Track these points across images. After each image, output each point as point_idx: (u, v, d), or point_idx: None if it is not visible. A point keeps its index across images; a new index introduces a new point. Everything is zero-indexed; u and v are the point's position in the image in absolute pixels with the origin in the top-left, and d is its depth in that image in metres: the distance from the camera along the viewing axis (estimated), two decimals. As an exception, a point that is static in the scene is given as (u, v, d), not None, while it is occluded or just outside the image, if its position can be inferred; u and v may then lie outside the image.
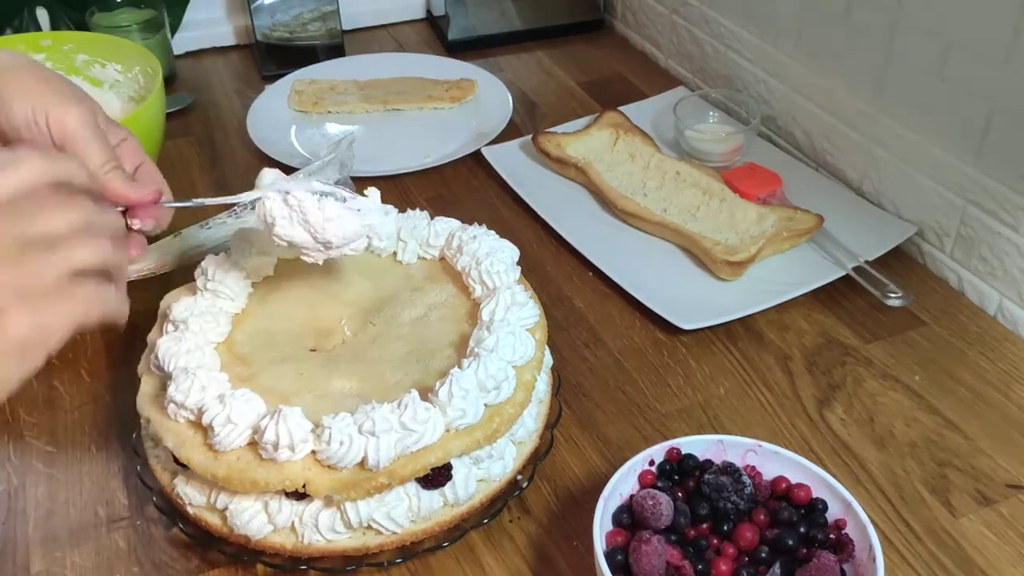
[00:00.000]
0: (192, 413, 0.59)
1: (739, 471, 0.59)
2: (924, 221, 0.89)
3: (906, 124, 0.88)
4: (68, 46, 1.02)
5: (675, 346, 0.81)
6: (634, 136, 1.02)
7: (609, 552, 0.55)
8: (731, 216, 0.90)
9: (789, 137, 1.05)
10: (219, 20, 1.33)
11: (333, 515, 0.60)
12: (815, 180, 0.99)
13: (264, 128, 1.10)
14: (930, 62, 0.83)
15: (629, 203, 0.93)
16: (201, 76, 1.26)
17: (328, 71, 1.22)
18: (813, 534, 0.56)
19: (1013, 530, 0.65)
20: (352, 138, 0.92)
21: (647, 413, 0.74)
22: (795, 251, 0.88)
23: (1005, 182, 0.79)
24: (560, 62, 1.28)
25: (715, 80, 1.15)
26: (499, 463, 0.64)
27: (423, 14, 1.42)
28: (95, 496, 0.68)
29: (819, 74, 0.98)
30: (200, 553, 0.64)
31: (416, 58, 1.27)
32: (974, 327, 0.82)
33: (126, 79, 1.02)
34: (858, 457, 0.70)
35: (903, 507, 0.66)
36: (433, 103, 1.16)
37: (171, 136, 1.10)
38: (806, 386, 0.76)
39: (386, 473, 0.57)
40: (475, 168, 1.05)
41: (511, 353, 0.63)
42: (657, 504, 0.57)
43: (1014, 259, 0.80)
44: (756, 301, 0.83)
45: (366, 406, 0.58)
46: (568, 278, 0.89)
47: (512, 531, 0.65)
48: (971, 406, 0.74)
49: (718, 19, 1.12)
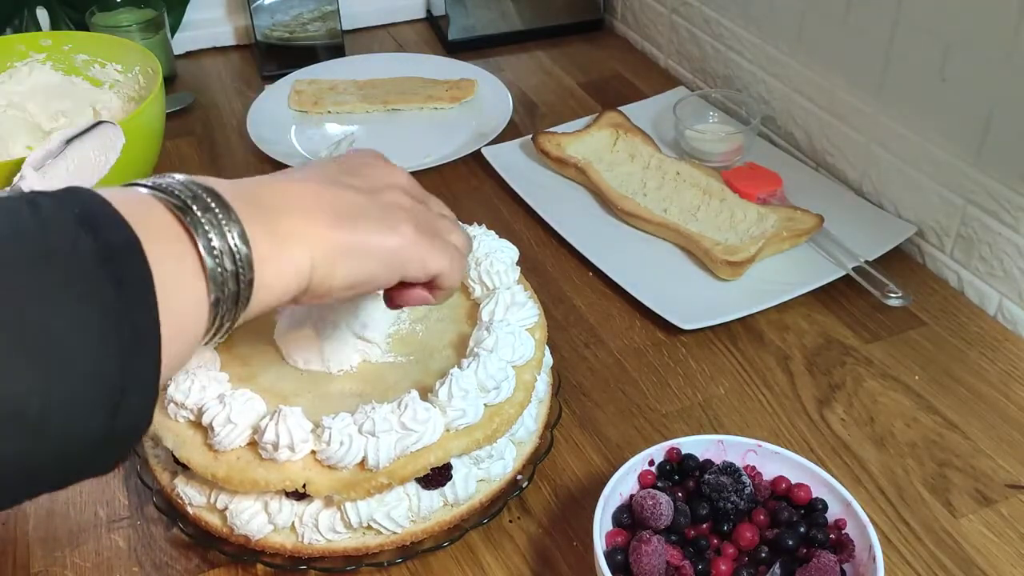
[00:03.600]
0: (192, 413, 0.59)
1: (739, 471, 0.59)
2: (924, 221, 0.89)
3: (906, 124, 0.88)
4: (68, 46, 1.02)
5: (675, 346, 0.81)
6: (634, 136, 1.02)
7: (609, 552, 0.55)
8: (731, 216, 0.90)
9: (789, 137, 1.05)
10: (219, 20, 1.33)
11: (333, 515, 0.60)
12: (815, 180, 0.99)
13: (264, 128, 1.10)
14: (930, 62, 0.83)
15: (629, 203, 0.93)
16: (201, 76, 1.26)
17: (328, 71, 1.22)
18: (813, 534, 0.56)
19: (1013, 530, 0.65)
20: (353, 138, 0.92)
21: (647, 413, 0.74)
22: (795, 251, 0.88)
23: (1005, 182, 0.79)
24: (560, 62, 1.28)
25: (715, 80, 1.15)
26: (499, 463, 0.64)
27: (423, 14, 1.42)
28: (95, 496, 0.68)
29: (819, 74, 0.98)
30: (200, 553, 0.64)
31: (416, 58, 1.27)
32: (974, 327, 0.82)
33: (126, 79, 1.02)
34: (858, 457, 0.70)
35: (903, 507, 0.66)
36: (433, 103, 1.16)
37: (171, 136, 1.10)
38: (806, 386, 0.76)
39: (386, 473, 0.57)
40: (475, 168, 1.05)
41: (511, 353, 0.63)
42: (657, 504, 0.57)
43: (1014, 259, 0.80)
44: (756, 301, 0.83)
45: (366, 406, 0.58)
46: (568, 278, 0.89)
47: (512, 531, 0.65)
48: (971, 406, 0.74)
49: (718, 19, 1.12)
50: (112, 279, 0.34)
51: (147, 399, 0.36)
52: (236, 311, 0.41)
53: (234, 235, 0.40)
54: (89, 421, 0.33)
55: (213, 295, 0.40)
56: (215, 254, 0.39)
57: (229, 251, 0.40)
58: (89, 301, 0.33)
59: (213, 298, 0.40)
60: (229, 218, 0.41)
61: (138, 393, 0.35)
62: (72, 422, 0.33)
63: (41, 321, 0.32)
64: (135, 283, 0.35)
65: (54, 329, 0.32)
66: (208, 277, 0.39)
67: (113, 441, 0.35)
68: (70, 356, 0.32)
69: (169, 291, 0.37)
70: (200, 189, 0.41)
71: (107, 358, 0.34)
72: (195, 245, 0.39)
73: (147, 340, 0.35)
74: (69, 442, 0.33)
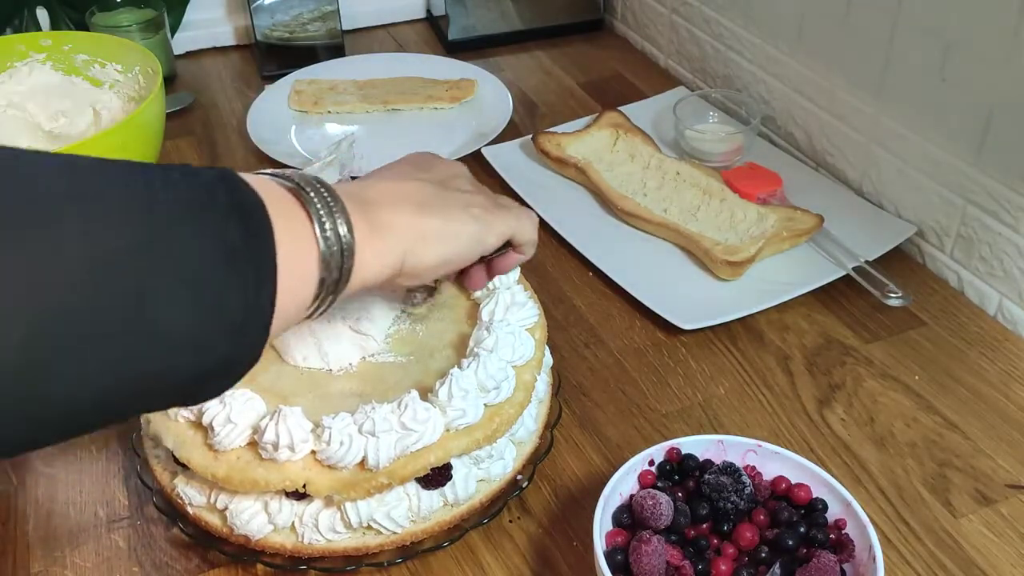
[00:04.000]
0: (192, 413, 0.59)
1: (739, 471, 0.59)
2: (924, 221, 0.89)
3: (906, 124, 0.88)
4: (68, 46, 1.02)
5: (675, 346, 0.81)
6: (634, 136, 1.02)
7: (609, 552, 0.55)
8: (731, 216, 0.90)
9: (789, 137, 1.05)
10: (219, 20, 1.33)
11: (333, 515, 0.60)
12: (815, 180, 0.99)
13: (264, 128, 1.10)
14: (930, 62, 0.83)
15: (629, 203, 0.93)
16: (201, 76, 1.26)
17: (328, 71, 1.22)
18: (813, 534, 0.56)
19: (1013, 530, 0.65)
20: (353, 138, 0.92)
21: (647, 413, 0.74)
22: (795, 251, 0.88)
23: (1005, 182, 0.79)
24: (560, 62, 1.28)
25: (715, 80, 1.15)
26: (499, 463, 0.64)
27: (423, 14, 1.42)
28: (95, 496, 0.68)
29: (819, 74, 0.98)
30: (200, 553, 0.64)
31: (416, 58, 1.27)
32: (974, 327, 0.82)
33: (126, 79, 1.02)
34: (858, 457, 0.70)
35: (903, 507, 0.66)
36: (433, 103, 1.16)
37: (171, 136, 1.10)
38: (806, 386, 0.76)
39: (386, 473, 0.57)
40: (475, 168, 1.04)
41: (511, 353, 0.63)
42: (657, 504, 0.57)
43: (1014, 259, 0.80)
44: (756, 301, 0.83)
45: (366, 406, 0.58)
46: (568, 278, 0.89)
47: (512, 531, 0.65)
48: (971, 406, 0.74)
49: (718, 19, 1.12)
50: (241, 227, 0.40)
51: (260, 335, 0.41)
52: (337, 289, 0.46)
53: (342, 222, 0.46)
54: (217, 343, 0.39)
55: (320, 274, 0.45)
56: (327, 236, 0.45)
57: (336, 236, 0.45)
58: (220, 241, 0.39)
59: (319, 276, 0.45)
60: (339, 207, 0.46)
61: (253, 328, 0.41)
62: (206, 344, 0.39)
63: (186, 256, 0.38)
64: (259, 235, 0.41)
65: (199, 264, 0.38)
66: (320, 257, 0.45)
67: (230, 365, 0.41)
68: (204, 286, 0.38)
69: (286, 255, 0.42)
70: (313, 179, 0.47)
71: (232, 290, 0.39)
72: (312, 226, 0.45)
73: (265, 285, 0.41)
74: (202, 360, 0.39)
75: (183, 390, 0.41)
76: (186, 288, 0.38)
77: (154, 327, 0.37)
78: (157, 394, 0.40)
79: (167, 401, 0.42)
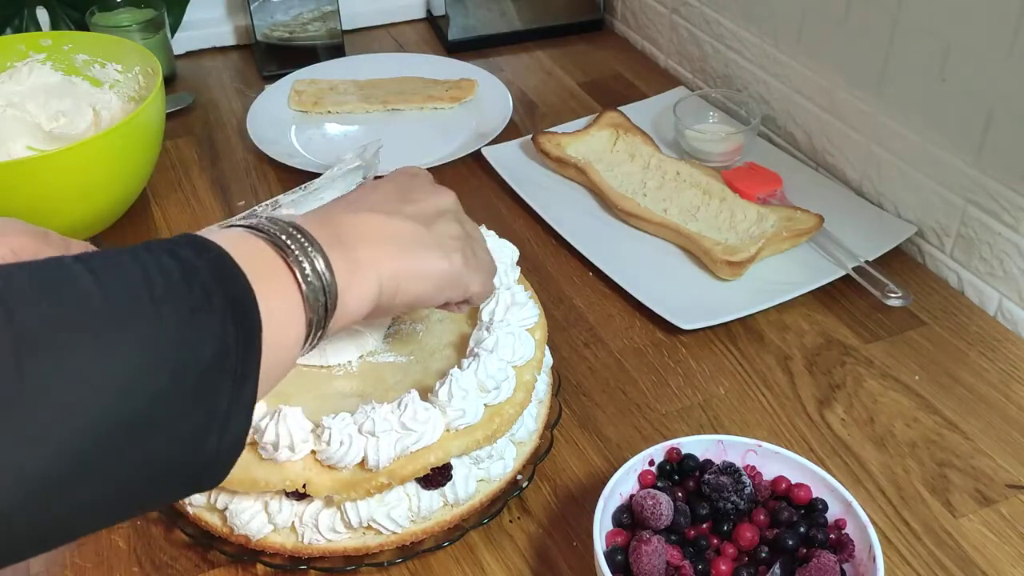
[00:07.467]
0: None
1: (739, 471, 0.59)
2: (924, 221, 0.89)
3: (906, 124, 0.88)
4: (68, 46, 1.02)
5: (675, 346, 0.81)
6: (634, 136, 1.02)
7: (609, 552, 0.55)
8: (731, 216, 0.90)
9: (789, 137, 1.05)
10: (219, 20, 1.33)
11: (333, 515, 0.60)
12: (815, 180, 0.99)
13: (264, 128, 1.10)
14: (930, 62, 0.83)
15: (629, 203, 0.93)
16: (201, 76, 1.26)
17: (328, 71, 1.22)
18: (813, 534, 0.56)
19: (1013, 530, 0.65)
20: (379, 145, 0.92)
21: (647, 413, 0.74)
22: (795, 251, 0.88)
23: (1005, 182, 0.79)
24: (560, 62, 1.28)
25: (715, 80, 1.15)
26: (499, 463, 0.64)
27: (423, 14, 1.42)
28: (95, 496, 0.68)
29: (819, 74, 0.98)
30: (200, 553, 0.64)
31: (416, 58, 1.27)
32: (974, 327, 0.82)
33: (126, 79, 1.02)
34: (858, 457, 0.70)
35: (903, 507, 0.66)
36: (433, 103, 1.16)
37: (171, 136, 1.10)
38: (806, 386, 0.76)
39: (386, 473, 0.57)
40: (475, 168, 1.05)
41: (511, 353, 0.63)
42: (657, 504, 0.57)
43: (1014, 259, 0.80)
44: (756, 301, 0.83)
45: (366, 406, 0.58)
46: (568, 278, 0.89)
47: (512, 531, 0.65)
48: (971, 406, 0.74)
49: (718, 19, 1.12)
50: (234, 327, 0.41)
51: (244, 426, 0.42)
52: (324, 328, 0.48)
53: (320, 264, 0.47)
54: (205, 441, 0.40)
55: (307, 317, 0.46)
56: (309, 281, 0.46)
57: (318, 277, 0.47)
58: (222, 347, 0.40)
59: (307, 319, 0.46)
60: (315, 249, 0.47)
61: (239, 419, 0.41)
62: (196, 442, 0.40)
63: (195, 360, 0.39)
64: (249, 329, 0.42)
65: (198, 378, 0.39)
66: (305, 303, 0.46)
67: (218, 459, 0.41)
68: (203, 389, 0.40)
69: (275, 321, 0.43)
70: (287, 225, 0.48)
71: (220, 394, 0.40)
72: (294, 276, 0.46)
73: (248, 380, 0.42)
74: (196, 455, 0.40)
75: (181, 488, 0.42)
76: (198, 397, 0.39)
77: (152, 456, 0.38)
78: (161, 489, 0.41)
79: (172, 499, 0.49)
